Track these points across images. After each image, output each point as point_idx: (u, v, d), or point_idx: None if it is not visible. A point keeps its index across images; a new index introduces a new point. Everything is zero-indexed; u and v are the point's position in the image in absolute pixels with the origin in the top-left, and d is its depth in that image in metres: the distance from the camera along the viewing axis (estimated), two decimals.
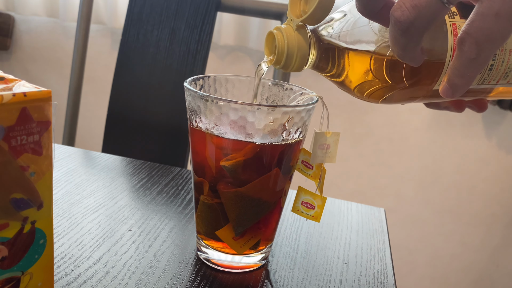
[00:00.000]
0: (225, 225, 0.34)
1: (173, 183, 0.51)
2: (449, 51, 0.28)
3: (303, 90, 0.36)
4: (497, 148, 1.32)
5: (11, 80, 0.24)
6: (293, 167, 0.35)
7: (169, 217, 0.44)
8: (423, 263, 1.45)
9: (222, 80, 0.38)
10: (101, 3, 1.40)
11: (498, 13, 0.23)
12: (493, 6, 0.23)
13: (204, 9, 0.77)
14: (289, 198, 0.51)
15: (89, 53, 1.38)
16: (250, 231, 0.34)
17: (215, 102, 0.31)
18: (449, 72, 0.26)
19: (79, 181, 0.49)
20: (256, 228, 0.35)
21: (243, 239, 0.34)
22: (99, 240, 0.38)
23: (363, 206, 0.52)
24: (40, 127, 0.23)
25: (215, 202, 0.34)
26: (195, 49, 0.78)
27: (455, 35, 0.28)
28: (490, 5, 0.23)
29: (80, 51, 0.84)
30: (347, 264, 0.40)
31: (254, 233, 0.35)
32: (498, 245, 1.39)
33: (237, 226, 0.34)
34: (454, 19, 0.28)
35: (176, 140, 0.79)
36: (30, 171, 0.23)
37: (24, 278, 0.25)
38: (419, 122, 1.34)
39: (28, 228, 0.24)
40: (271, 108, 0.31)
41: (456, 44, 0.24)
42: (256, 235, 0.35)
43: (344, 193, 1.43)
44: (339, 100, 1.37)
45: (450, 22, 0.28)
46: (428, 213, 1.41)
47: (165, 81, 0.79)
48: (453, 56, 0.28)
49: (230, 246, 0.34)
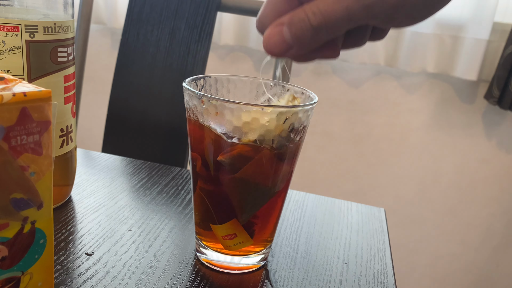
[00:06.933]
0: (221, 224, 0.34)
1: (173, 183, 0.51)
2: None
3: (304, 90, 0.36)
4: (497, 148, 1.32)
5: (11, 80, 0.24)
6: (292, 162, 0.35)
7: (169, 217, 0.44)
8: (423, 263, 1.45)
9: (223, 80, 0.38)
10: (101, 3, 1.40)
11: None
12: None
13: (204, 9, 0.77)
14: (289, 199, 0.51)
15: (89, 53, 1.38)
16: (240, 234, 0.34)
17: (211, 102, 0.31)
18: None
19: (79, 181, 0.49)
20: (250, 228, 0.35)
21: (233, 241, 0.35)
22: (99, 240, 0.38)
23: (363, 206, 0.52)
24: (40, 127, 0.23)
25: (211, 189, 0.34)
26: (195, 49, 0.78)
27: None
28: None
29: (80, 51, 0.83)
30: (347, 264, 0.40)
31: (245, 237, 0.35)
32: (498, 245, 1.39)
33: (241, 214, 0.34)
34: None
35: (176, 140, 0.79)
36: (30, 171, 0.23)
37: (24, 278, 0.25)
38: (419, 122, 1.34)
39: (28, 228, 0.24)
40: (268, 108, 0.30)
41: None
42: (247, 240, 0.35)
43: (344, 193, 1.43)
44: (339, 100, 1.37)
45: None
46: (428, 213, 1.41)
47: (165, 81, 0.79)
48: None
49: (221, 244, 0.35)
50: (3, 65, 0.36)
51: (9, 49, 0.35)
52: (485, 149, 1.32)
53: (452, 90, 1.30)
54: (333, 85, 1.36)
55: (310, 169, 1.44)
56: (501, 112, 1.29)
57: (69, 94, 0.41)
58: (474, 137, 1.32)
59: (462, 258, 1.42)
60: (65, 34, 0.39)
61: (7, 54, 0.35)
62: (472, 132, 1.32)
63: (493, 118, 1.30)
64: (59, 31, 0.38)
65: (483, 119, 1.30)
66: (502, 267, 1.41)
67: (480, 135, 1.32)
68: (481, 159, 1.33)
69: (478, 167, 1.34)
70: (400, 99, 1.33)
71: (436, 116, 1.33)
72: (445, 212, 1.40)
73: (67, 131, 0.42)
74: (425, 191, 1.39)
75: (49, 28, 0.37)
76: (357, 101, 1.36)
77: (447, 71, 1.24)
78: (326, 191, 1.44)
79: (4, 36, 0.35)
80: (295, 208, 0.49)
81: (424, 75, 1.30)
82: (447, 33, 1.22)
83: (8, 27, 0.35)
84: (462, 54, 1.20)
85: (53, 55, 0.38)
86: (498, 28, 1.21)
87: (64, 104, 0.40)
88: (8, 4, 0.36)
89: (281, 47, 0.25)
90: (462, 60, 1.21)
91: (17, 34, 0.35)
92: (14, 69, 0.36)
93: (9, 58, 0.36)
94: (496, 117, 1.29)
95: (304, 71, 1.36)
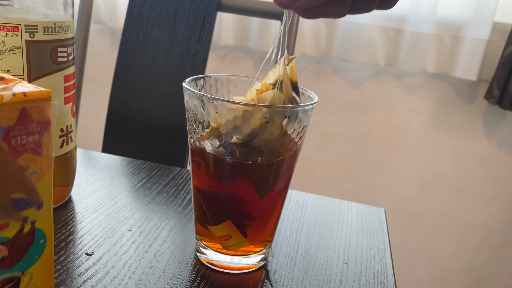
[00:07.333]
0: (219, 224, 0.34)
1: (173, 183, 0.51)
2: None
3: (304, 90, 0.36)
4: (497, 148, 1.32)
5: (11, 80, 0.24)
6: (291, 164, 0.35)
7: (169, 217, 0.44)
8: (423, 263, 1.45)
9: (223, 80, 0.38)
10: (101, 3, 1.40)
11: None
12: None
13: (204, 9, 0.77)
14: (289, 199, 0.51)
15: (89, 53, 1.38)
16: (235, 236, 0.34)
17: (211, 102, 0.31)
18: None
19: (79, 181, 0.49)
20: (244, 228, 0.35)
21: (229, 242, 0.35)
22: (99, 240, 0.38)
23: (363, 206, 0.52)
24: (40, 127, 0.23)
25: (212, 196, 0.34)
26: (195, 49, 0.78)
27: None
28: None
29: (80, 51, 0.83)
30: (347, 264, 0.40)
31: (240, 239, 0.35)
32: (498, 245, 1.39)
33: (259, 192, 0.33)
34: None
35: (176, 140, 0.79)
36: (30, 171, 0.23)
37: (24, 278, 0.25)
38: (419, 122, 1.34)
39: (28, 228, 0.24)
40: (266, 107, 0.30)
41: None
42: (243, 241, 0.35)
43: (344, 193, 1.43)
44: (339, 100, 1.37)
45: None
46: (428, 213, 1.41)
47: (165, 81, 0.79)
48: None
49: (220, 244, 0.35)
50: (3, 65, 0.36)
51: (9, 49, 0.35)
52: (485, 149, 1.32)
53: (452, 90, 1.30)
54: (333, 85, 1.36)
55: (310, 169, 1.44)
56: (501, 112, 1.29)
57: (69, 94, 0.41)
58: (474, 137, 1.32)
59: (462, 258, 1.42)
60: (65, 34, 0.39)
61: (7, 54, 0.35)
62: (472, 132, 1.32)
63: (493, 118, 1.30)
64: (59, 31, 0.38)
65: (483, 119, 1.30)
66: (502, 267, 1.41)
67: (480, 135, 1.32)
68: (481, 159, 1.33)
69: (478, 167, 1.34)
70: (400, 99, 1.33)
71: (436, 116, 1.33)
72: (445, 212, 1.40)
73: (67, 131, 0.42)
74: (425, 191, 1.39)
75: (49, 28, 0.37)
76: (357, 101, 1.36)
77: (447, 71, 1.24)
78: (326, 191, 1.44)
79: (4, 36, 0.35)
80: (295, 208, 0.49)
81: (424, 75, 1.30)
82: (447, 33, 1.22)
83: (8, 27, 0.35)
84: (462, 54, 1.20)
85: (53, 55, 0.38)
86: (498, 28, 1.21)
87: (64, 104, 0.40)
88: (8, 4, 0.36)
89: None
90: (462, 60, 1.21)
91: (17, 34, 0.35)
92: (14, 69, 0.36)
93: (9, 58, 0.36)
94: (496, 117, 1.29)
95: (304, 71, 1.37)
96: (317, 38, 1.29)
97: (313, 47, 1.29)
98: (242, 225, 0.34)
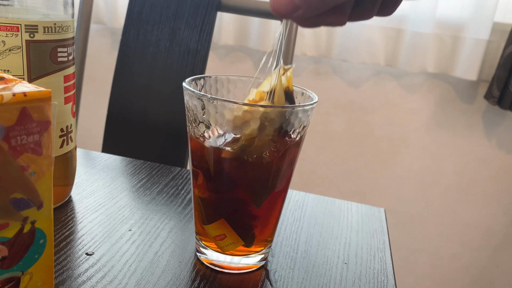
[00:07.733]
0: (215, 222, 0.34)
1: (173, 183, 0.51)
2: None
3: (304, 90, 0.36)
4: (497, 148, 1.32)
5: (11, 80, 0.24)
6: (292, 163, 0.35)
7: (169, 217, 0.44)
8: (423, 263, 1.45)
9: (223, 80, 0.38)
10: (101, 3, 1.40)
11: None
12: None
13: (204, 9, 0.77)
14: (289, 199, 0.51)
15: (89, 53, 1.38)
16: (230, 235, 0.35)
17: (211, 102, 0.31)
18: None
19: (79, 181, 0.49)
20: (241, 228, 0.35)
21: (224, 241, 0.35)
22: (99, 240, 0.38)
23: (363, 206, 0.52)
24: (40, 127, 0.23)
25: (208, 196, 0.34)
26: (195, 49, 0.78)
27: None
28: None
29: (80, 51, 0.83)
30: (347, 264, 0.40)
31: (235, 238, 0.35)
32: (498, 245, 1.39)
33: (254, 198, 0.33)
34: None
35: (176, 140, 0.79)
36: (30, 171, 0.23)
37: (24, 278, 0.25)
38: (419, 122, 1.34)
39: (28, 228, 0.24)
40: (265, 108, 0.30)
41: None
42: (238, 240, 0.35)
43: (344, 193, 1.43)
44: (339, 100, 1.37)
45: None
46: (428, 213, 1.41)
47: (165, 81, 0.79)
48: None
49: (216, 245, 0.35)
50: (3, 65, 0.36)
51: (9, 49, 0.35)
52: (485, 149, 1.32)
53: (452, 90, 1.30)
54: (333, 85, 1.36)
55: (310, 169, 1.44)
56: (501, 112, 1.29)
57: (69, 94, 0.41)
58: (474, 137, 1.32)
59: (462, 258, 1.42)
60: (65, 34, 0.39)
61: (7, 54, 0.35)
62: (472, 132, 1.32)
63: (493, 118, 1.30)
64: (59, 31, 0.38)
65: (483, 119, 1.30)
66: (502, 267, 1.41)
67: (480, 135, 1.32)
68: (481, 159, 1.33)
69: (478, 167, 1.34)
70: (400, 99, 1.33)
71: (436, 116, 1.33)
72: (445, 212, 1.40)
73: (67, 131, 0.42)
74: (425, 191, 1.39)
75: (49, 28, 0.37)
76: (357, 101, 1.36)
77: (447, 71, 1.24)
78: (326, 191, 1.44)
79: (4, 36, 0.35)
80: (295, 208, 0.49)
81: (424, 75, 1.30)
82: (447, 33, 1.22)
83: (8, 27, 0.35)
84: (462, 54, 1.20)
85: (53, 55, 0.38)
86: (498, 28, 1.21)
87: (64, 104, 0.40)
88: (8, 4, 0.36)
89: (287, 7, 0.25)
90: (462, 60, 1.21)
91: (17, 34, 0.35)
92: (14, 69, 0.36)
93: (9, 58, 0.36)
94: (496, 117, 1.29)
95: (304, 71, 1.37)
96: (317, 38, 1.29)
97: (313, 47, 1.30)
98: (247, 227, 0.34)
